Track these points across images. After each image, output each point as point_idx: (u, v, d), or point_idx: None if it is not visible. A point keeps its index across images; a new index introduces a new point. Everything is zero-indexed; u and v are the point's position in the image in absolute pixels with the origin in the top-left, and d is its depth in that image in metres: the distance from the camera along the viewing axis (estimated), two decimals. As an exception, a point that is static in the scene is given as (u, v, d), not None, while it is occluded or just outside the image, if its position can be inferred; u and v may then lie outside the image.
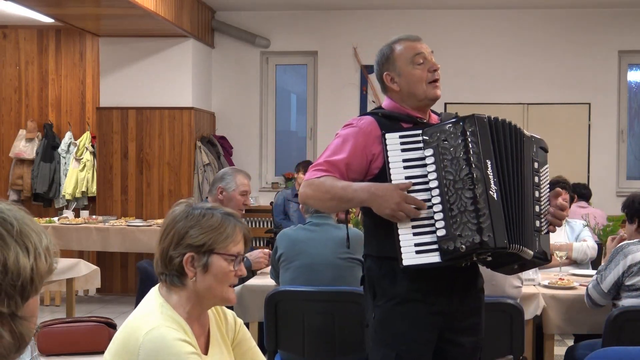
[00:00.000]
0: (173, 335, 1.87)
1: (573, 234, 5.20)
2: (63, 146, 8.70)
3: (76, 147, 8.62)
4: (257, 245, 8.36)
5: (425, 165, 2.48)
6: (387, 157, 2.52)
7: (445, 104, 8.23)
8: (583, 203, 6.50)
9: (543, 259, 2.62)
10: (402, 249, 2.45)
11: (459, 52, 8.42)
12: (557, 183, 5.54)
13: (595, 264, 5.17)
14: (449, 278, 2.58)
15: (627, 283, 3.70)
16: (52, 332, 3.13)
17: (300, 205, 4.37)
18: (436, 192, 2.46)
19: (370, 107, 8.60)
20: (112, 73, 8.30)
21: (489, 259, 2.53)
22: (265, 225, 8.61)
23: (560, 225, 2.68)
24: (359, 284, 3.95)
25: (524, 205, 2.55)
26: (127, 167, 8.30)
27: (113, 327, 3.21)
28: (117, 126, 8.29)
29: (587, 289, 3.88)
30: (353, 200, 2.55)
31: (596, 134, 8.47)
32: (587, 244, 5.06)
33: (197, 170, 8.20)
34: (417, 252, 2.45)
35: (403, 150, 2.52)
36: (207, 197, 4.77)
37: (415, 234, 2.46)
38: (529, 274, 4.29)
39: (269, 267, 4.26)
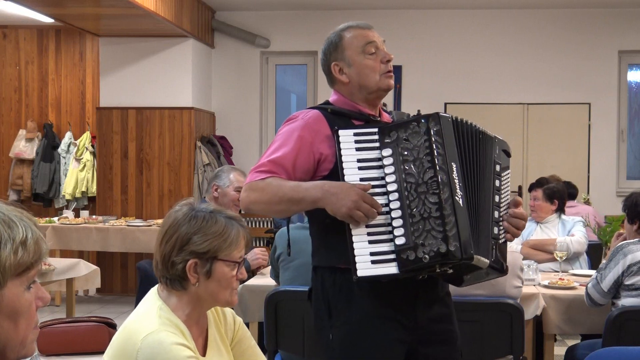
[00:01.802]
0: (171, 340, 1.86)
1: (565, 231, 5.20)
2: (63, 146, 8.70)
3: (76, 147, 8.61)
4: (257, 245, 8.36)
5: (382, 167, 2.26)
6: (340, 155, 2.28)
7: (446, 104, 8.24)
8: (572, 202, 6.48)
9: (499, 270, 2.39)
10: (356, 258, 2.20)
11: (459, 52, 8.42)
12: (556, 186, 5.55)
13: (595, 263, 5.17)
14: (411, 287, 2.34)
15: (627, 282, 3.71)
16: (52, 332, 3.13)
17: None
18: (395, 196, 2.23)
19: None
20: (112, 73, 8.30)
21: (450, 271, 2.28)
22: (265, 225, 8.61)
23: (517, 236, 2.44)
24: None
25: (484, 210, 2.34)
26: (127, 167, 8.30)
27: (113, 327, 3.20)
28: (117, 126, 8.28)
29: (586, 288, 3.88)
30: (304, 200, 2.29)
31: (596, 134, 8.47)
32: (572, 239, 5.05)
33: (197, 170, 8.20)
34: (373, 262, 2.20)
35: (358, 149, 2.29)
36: (204, 197, 4.77)
37: (371, 242, 2.22)
38: (529, 274, 4.29)
39: (269, 267, 4.26)
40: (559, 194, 5.29)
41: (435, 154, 2.24)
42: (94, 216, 7.96)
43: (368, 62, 2.45)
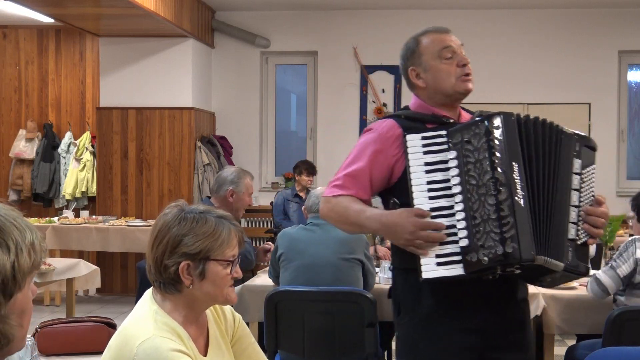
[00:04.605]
0: (167, 346, 1.83)
1: None
2: (63, 146, 8.70)
3: (76, 147, 8.62)
4: (257, 245, 8.35)
5: (448, 169, 2.27)
6: (408, 160, 2.30)
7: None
8: None
9: (576, 273, 2.33)
10: (421, 260, 2.24)
11: (459, 52, 8.41)
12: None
13: (594, 263, 5.17)
14: (483, 289, 2.32)
15: (636, 281, 3.70)
16: (52, 332, 3.13)
17: (303, 206, 4.38)
18: (459, 198, 2.24)
19: (370, 107, 8.61)
20: (112, 73, 8.30)
21: (517, 271, 2.25)
22: (265, 225, 8.61)
23: (599, 235, 2.36)
24: (359, 284, 3.98)
25: (556, 211, 2.29)
26: (127, 167, 8.30)
27: (113, 327, 3.20)
28: (117, 126, 8.29)
29: (594, 277, 3.79)
30: (365, 227, 2.38)
31: (596, 134, 8.46)
32: None
33: (197, 170, 8.20)
34: (439, 263, 2.23)
35: (425, 152, 2.31)
36: (207, 197, 4.79)
37: None
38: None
39: (269, 267, 4.27)
40: None
41: (494, 155, 2.24)
42: (94, 216, 7.96)
43: (444, 66, 2.47)
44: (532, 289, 4.14)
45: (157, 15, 6.98)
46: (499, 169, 2.23)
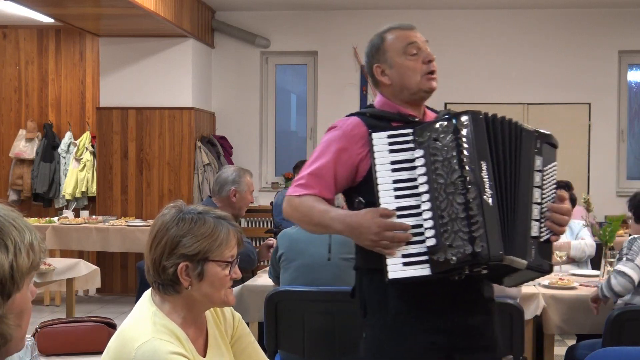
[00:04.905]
0: (166, 349, 1.83)
1: (572, 235, 5.21)
2: (63, 146, 8.70)
3: (76, 147, 8.62)
4: (257, 245, 8.35)
5: (414, 168, 2.24)
6: (374, 158, 2.27)
7: (445, 103, 8.23)
8: None
9: (539, 270, 2.31)
10: (387, 260, 2.20)
11: (459, 52, 8.42)
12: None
13: (594, 262, 5.17)
14: (450, 290, 2.30)
15: None
16: (52, 332, 3.13)
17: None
18: (426, 197, 2.21)
19: (370, 107, 8.61)
20: (112, 73, 8.30)
21: (484, 271, 2.25)
22: (265, 225, 8.61)
23: (562, 232, 2.35)
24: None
25: (519, 208, 2.28)
26: (127, 167, 8.30)
27: (113, 327, 3.20)
28: (117, 126, 8.29)
29: (614, 272, 3.72)
30: (330, 228, 2.33)
31: (596, 134, 8.47)
32: (585, 242, 5.07)
33: (197, 170, 8.20)
34: (405, 264, 2.19)
35: (392, 151, 2.27)
36: (209, 196, 4.81)
37: None
38: (529, 274, 4.29)
39: (269, 267, 4.27)
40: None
41: (463, 153, 2.22)
42: (94, 216, 7.96)
43: (409, 63, 2.43)
44: (532, 289, 4.15)
45: (157, 15, 6.98)
46: (467, 168, 2.21)
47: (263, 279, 4.41)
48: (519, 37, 8.50)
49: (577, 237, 5.17)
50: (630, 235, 4.03)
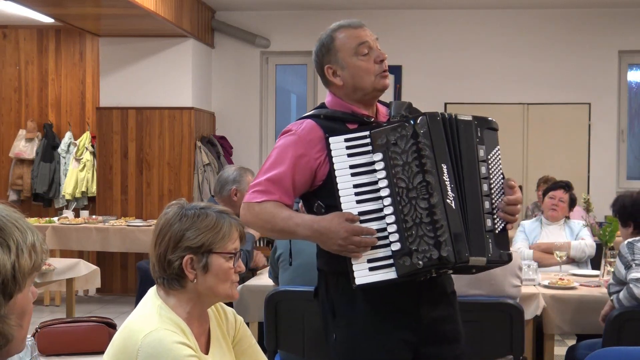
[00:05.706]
0: (172, 338, 1.87)
1: (572, 235, 5.21)
2: (63, 146, 8.70)
3: (76, 147, 8.61)
4: (257, 245, 8.36)
5: (374, 172, 2.24)
6: (332, 163, 2.26)
7: (446, 104, 8.24)
8: None
9: (499, 262, 2.33)
10: (354, 267, 2.22)
11: (459, 52, 8.42)
12: (558, 183, 5.55)
13: (594, 262, 5.17)
14: (414, 288, 2.32)
15: None
16: (52, 332, 3.13)
17: (300, 204, 4.38)
18: (388, 201, 2.22)
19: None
20: (112, 73, 8.30)
21: (450, 272, 2.34)
22: (265, 225, 8.60)
23: (514, 222, 2.35)
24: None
25: (473, 204, 2.28)
26: (127, 167, 8.30)
27: (113, 327, 3.20)
28: (117, 126, 8.29)
29: (633, 283, 3.53)
30: (296, 234, 2.32)
31: (596, 134, 8.47)
32: (586, 242, 5.07)
33: (197, 170, 8.20)
34: (371, 268, 2.21)
35: (350, 155, 2.26)
36: (211, 196, 4.82)
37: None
38: (529, 274, 4.29)
39: (268, 268, 4.27)
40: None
41: (423, 157, 2.22)
42: (94, 216, 7.96)
43: (361, 63, 2.40)
44: (532, 289, 4.15)
45: (157, 15, 6.98)
46: (429, 172, 2.22)
47: (263, 279, 4.41)
48: (519, 37, 8.49)
49: (577, 237, 5.17)
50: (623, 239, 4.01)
